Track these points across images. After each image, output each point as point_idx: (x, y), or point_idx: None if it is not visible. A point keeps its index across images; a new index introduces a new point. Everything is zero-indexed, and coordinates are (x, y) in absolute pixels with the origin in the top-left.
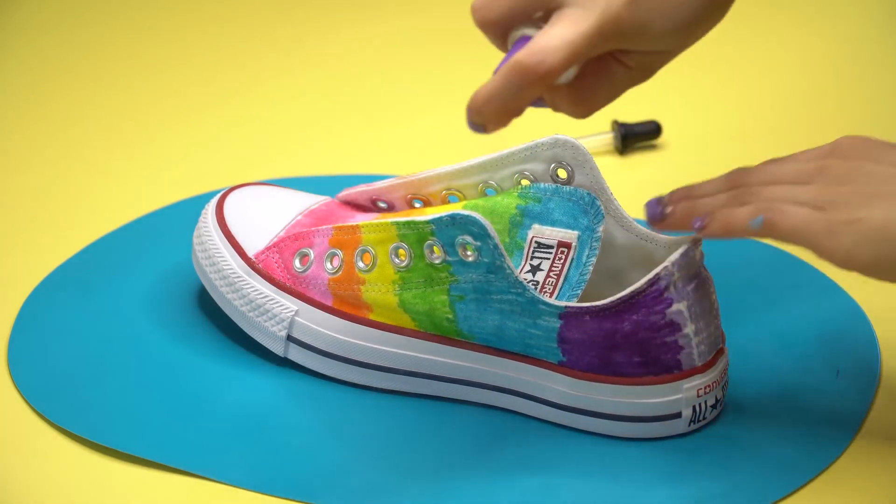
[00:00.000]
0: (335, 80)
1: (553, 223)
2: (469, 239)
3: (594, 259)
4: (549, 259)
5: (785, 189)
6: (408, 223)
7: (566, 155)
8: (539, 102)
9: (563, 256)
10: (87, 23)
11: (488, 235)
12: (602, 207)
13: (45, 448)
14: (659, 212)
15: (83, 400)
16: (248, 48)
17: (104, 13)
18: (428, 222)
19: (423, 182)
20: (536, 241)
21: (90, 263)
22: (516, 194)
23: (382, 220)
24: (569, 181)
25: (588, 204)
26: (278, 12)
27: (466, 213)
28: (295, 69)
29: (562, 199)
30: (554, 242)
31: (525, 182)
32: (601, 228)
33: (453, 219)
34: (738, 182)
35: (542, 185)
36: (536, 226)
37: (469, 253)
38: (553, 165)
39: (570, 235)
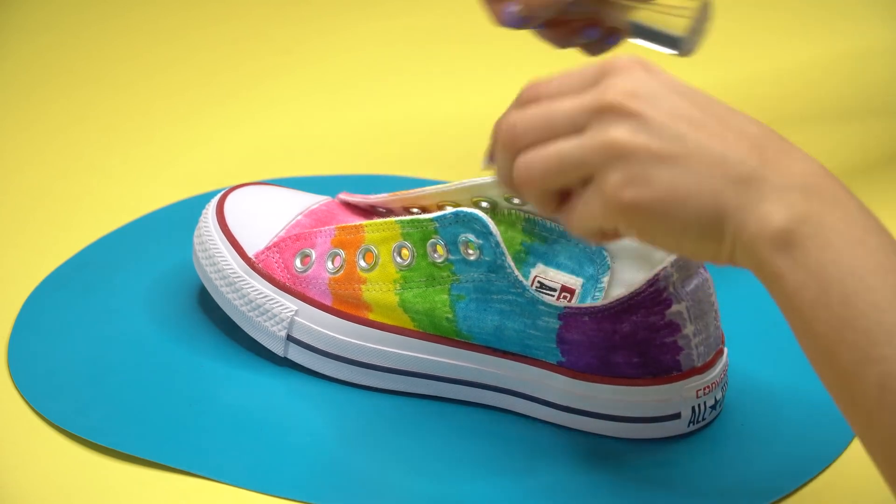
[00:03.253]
0: (335, 79)
1: (558, 266)
2: (472, 237)
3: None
4: (552, 299)
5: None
6: (412, 221)
7: None
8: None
9: (566, 301)
10: (87, 23)
11: (491, 233)
12: (608, 258)
13: (45, 448)
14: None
15: (83, 400)
16: (248, 48)
17: (104, 13)
18: (432, 220)
19: (417, 198)
20: (539, 281)
21: (90, 263)
22: (521, 228)
23: (386, 219)
24: None
25: (594, 252)
26: (278, 12)
27: (470, 210)
28: (295, 69)
29: (568, 242)
30: (557, 286)
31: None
32: (605, 280)
33: (457, 216)
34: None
35: (548, 223)
36: (541, 265)
37: (471, 251)
38: None
39: (575, 282)
